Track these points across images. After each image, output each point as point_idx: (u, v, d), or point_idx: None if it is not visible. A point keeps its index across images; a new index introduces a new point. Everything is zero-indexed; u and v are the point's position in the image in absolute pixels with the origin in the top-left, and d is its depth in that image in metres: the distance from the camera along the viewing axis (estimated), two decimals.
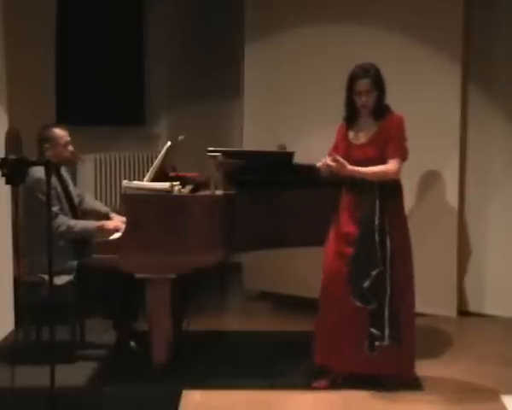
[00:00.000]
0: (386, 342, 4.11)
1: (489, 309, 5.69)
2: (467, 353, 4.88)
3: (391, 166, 4.13)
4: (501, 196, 5.62)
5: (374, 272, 4.07)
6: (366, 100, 4.14)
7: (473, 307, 5.76)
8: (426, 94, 5.35)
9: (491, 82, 5.59)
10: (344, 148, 4.23)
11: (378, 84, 4.15)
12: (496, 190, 5.64)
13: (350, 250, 4.14)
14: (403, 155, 4.17)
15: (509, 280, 5.56)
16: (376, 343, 4.11)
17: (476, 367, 4.61)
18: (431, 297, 4.46)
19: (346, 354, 4.19)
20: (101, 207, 5.01)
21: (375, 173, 4.11)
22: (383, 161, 4.14)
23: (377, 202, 4.10)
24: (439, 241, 5.53)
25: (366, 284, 4.06)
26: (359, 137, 4.22)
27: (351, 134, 4.25)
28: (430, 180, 5.55)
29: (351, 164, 4.11)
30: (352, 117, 4.24)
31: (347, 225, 4.19)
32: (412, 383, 4.23)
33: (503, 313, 5.61)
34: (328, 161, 4.08)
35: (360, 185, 4.15)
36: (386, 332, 4.10)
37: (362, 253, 4.09)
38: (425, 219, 5.40)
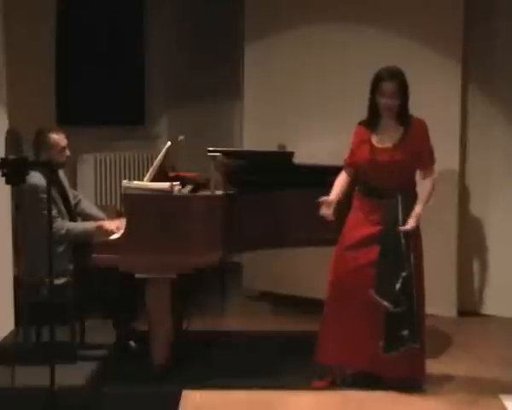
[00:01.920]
0: (418, 345, 4.09)
1: (489, 309, 5.69)
2: (467, 353, 4.88)
3: (431, 182, 4.20)
4: (501, 197, 5.62)
5: (404, 274, 4.06)
6: (391, 103, 4.10)
7: (473, 307, 5.76)
8: (426, 94, 5.33)
9: (492, 83, 5.59)
10: (367, 151, 4.17)
11: (403, 88, 4.13)
12: (496, 190, 5.64)
13: (368, 252, 4.11)
14: (434, 165, 4.25)
15: (510, 280, 5.56)
16: (402, 348, 4.06)
17: (476, 367, 4.61)
18: (431, 297, 4.46)
19: (358, 354, 4.17)
20: (97, 212, 4.95)
21: (429, 199, 4.19)
22: (409, 165, 4.15)
23: (400, 206, 4.10)
24: (439, 241, 5.52)
25: (398, 285, 4.04)
26: (384, 141, 4.16)
27: (374, 137, 4.19)
28: None
29: (377, 167, 4.11)
30: (374, 120, 4.19)
31: (364, 228, 4.16)
32: (413, 384, 4.22)
33: (503, 313, 5.61)
34: (412, 226, 4.08)
35: (380, 191, 4.14)
36: (418, 335, 4.08)
37: (389, 255, 4.07)
38: (425, 219, 5.36)
